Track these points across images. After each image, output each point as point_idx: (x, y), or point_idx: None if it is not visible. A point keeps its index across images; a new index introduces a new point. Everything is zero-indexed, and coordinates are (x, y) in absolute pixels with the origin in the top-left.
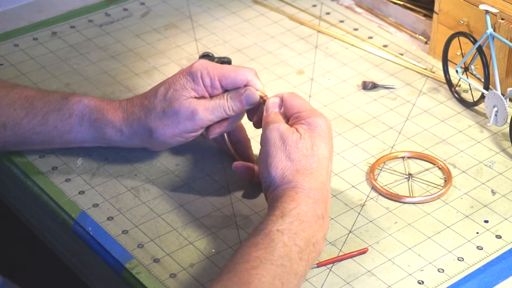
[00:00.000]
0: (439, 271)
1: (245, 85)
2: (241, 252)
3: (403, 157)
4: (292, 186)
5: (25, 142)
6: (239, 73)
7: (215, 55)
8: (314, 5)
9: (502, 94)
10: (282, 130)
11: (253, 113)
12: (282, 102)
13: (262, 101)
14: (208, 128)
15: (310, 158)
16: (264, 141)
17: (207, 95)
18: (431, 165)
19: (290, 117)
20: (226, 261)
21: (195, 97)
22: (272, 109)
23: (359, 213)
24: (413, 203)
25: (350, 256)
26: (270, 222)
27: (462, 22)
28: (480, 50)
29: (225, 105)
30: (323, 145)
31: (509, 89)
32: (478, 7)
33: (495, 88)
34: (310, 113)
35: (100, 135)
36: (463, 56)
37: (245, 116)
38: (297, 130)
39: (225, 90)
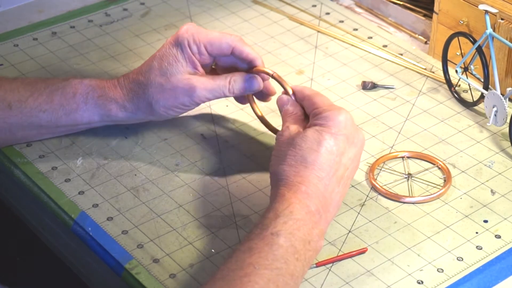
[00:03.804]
0: (439, 271)
1: (232, 52)
2: (236, 257)
3: (402, 157)
4: (284, 183)
5: (32, 122)
6: (224, 40)
7: None
8: (314, 5)
9: (501, 94)
10: (283, 136)
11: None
12: (294, 94)
13: (272, 77)
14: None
15: (307, 151)
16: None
17: (197, 62)
18: (431, 165)
19: (309, 114)
20: None
21: (190, 68)
22: (284, 106)
23: (358, 213)
24: (413, 203)
25: (350, 256)
26: (265, 225)
27: (462, 22)
28: (479, 50)
29: (226, 87)
30: (330, 139)
31: (508, 89)
32: (477, 7)
33: (495, 88)
34: (328, 107)
35: (105, 112)
36: (462, 56)
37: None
38: (303, 130)
39: (214, 58)
